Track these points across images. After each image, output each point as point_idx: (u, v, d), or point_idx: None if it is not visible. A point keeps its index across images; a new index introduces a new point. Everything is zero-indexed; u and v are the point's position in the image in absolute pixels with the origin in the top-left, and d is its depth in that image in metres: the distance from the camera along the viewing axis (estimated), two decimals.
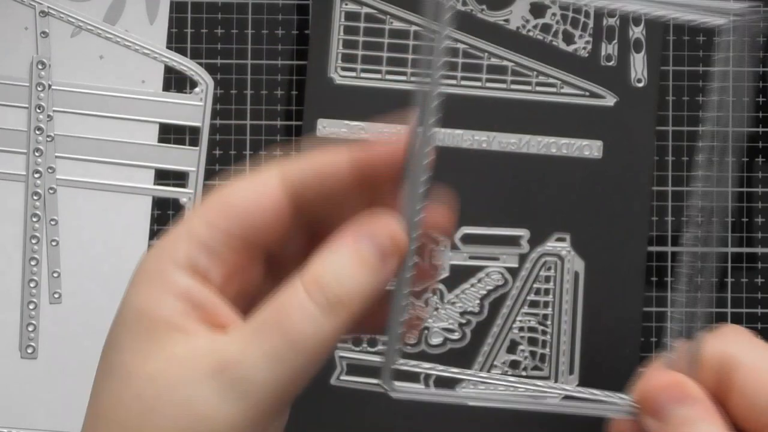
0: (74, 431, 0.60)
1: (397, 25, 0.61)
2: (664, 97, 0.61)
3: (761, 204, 0.62)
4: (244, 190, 0.40)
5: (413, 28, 0.61)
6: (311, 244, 0.40)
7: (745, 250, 0.61)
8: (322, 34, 0.61)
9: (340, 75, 0.61)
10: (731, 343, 0.41)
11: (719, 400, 0.41)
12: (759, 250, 0.61)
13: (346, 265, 0.38)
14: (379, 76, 0.61)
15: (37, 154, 0.61)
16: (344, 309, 0.37)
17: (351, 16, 0.61)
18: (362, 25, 0.61)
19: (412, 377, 0.58)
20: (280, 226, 0.40)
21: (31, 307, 0.60)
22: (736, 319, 0.61)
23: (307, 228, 0.41)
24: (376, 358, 0.60)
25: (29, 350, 0.60)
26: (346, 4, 0.61)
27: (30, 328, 0.60)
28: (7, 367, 0.60)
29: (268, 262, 0.41)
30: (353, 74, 0.61)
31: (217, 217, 0.39)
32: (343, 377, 0.60)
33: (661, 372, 0.41)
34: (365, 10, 0.61)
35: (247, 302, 0.40)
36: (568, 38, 0.61)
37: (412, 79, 0.61)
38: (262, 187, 0.40)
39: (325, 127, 0.60)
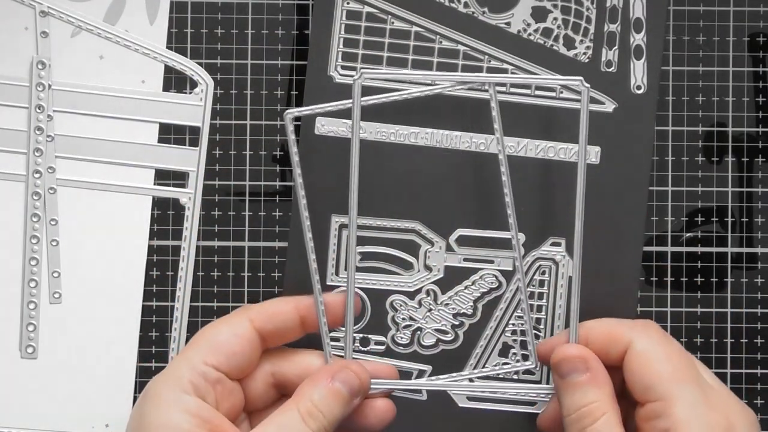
0: (74, 431, 0.61)
1: (398, 25, 0.61)
2: (664, 97, 0.61)
3: (761, 204, 0.62)
4: (226, 332, 0.54)
5: (414, 28, 0.61)
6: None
7: (745, 250, 0.62)
8: (322, 31, 0.60)
9: (339, 74, 0.61)
10: (636, 332, 0.55)
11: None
12: (759, 250, 0.61)
13: (329, 398, 0.53)
14: None
15: (37, 154, 0.61)
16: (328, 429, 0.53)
17: (352, 14, 0.61)
18: (363, 24, 0.61)
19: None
20: (254, 354, 0.55)
21: (31, 307, 0.60)
22: (736, 319, 0.61)
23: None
24: (368, 358, 0.60)
25: (29, 350, 0.60)
26: (348, 3, 0.60)
27: (30, 328, 0.60)
28: (7, 367, 0.60)
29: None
30: (353, 73, 0.60)
31: (208, 353, 0.54)
32: None
33: (573, 346, 0.56)
34: (366, 9, 0.61)
35: (234, 415, 0.55)
36: (569, 43, 0.60)
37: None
38: (239, 329, 0.55)
39: (324, 125, 0.60)
